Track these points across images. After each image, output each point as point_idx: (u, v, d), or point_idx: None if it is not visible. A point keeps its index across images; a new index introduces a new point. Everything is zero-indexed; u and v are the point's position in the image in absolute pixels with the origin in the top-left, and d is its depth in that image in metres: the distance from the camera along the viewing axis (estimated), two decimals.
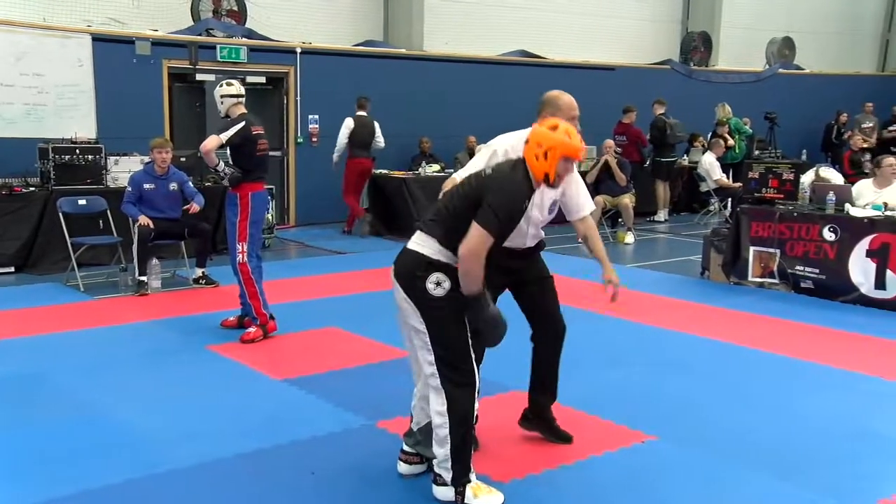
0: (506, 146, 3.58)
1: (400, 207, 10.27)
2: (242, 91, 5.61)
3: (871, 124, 14.70)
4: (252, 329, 5.50)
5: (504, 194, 3.05)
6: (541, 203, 3.51)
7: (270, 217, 9.15)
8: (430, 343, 3.14)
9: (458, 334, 3.14)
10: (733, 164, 11.86)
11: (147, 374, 4.86)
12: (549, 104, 3.70)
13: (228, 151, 5.44)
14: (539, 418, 3.89)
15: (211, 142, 5.27)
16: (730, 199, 11.02)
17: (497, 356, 4.87)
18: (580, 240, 4.04)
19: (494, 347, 3.22)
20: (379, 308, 6.57)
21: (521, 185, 3.11)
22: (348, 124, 10.05)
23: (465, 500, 3.20)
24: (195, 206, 7.14)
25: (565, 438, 3.86)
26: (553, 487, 3.43)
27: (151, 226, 6.91)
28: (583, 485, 3.47)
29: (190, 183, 7.42)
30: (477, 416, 3.28)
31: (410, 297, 3.13)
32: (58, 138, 8.33)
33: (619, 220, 10.35)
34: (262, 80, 10.80)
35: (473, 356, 3.20)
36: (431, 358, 3.16)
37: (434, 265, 3.08)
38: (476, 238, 3.00)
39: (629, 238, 9.97)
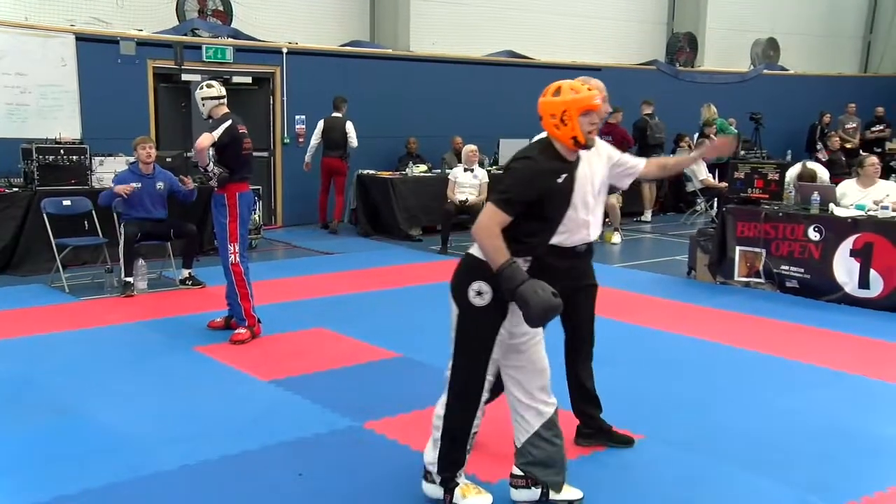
0: None
1: (386, 208, 10.26)
2: (224, 92, 5.56)
3: (853, 125, 14.83)
4: (242, 330, 5.47)
5: (513, 171, 3.06)
6: (593, 186, 3.54)
7: (257, 217, 9.12)
8: (453, 348, 3.14)
9: (479, 349, 3.11)
10: (719, 164, 11.92)
11: (133, 376, 4.82)
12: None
13: (213, 151, 5.41)
14: (599, 431, 3.87)
15: (205, 139, 5.23)
16: (716, 199, 11.08)
17: None
18: (655, 176, 4.20)
19: (537, 327, 3.10)
20: (366, 308, 6.57)
21: (535, 160, 3.06)
22: (319, 125, 10.25)
23: (454, 501, 3.20)
24: (189, 182, 7.22)
25: (628, 441, 3.87)
26: None
27: (134, 186, 6.90)
28: (572, 484, 3.47)
29: (178, 182, 7.36)
30: (479, 424, 3.26)
31: (454, 301, 3.14)
32: (41, 139, 8.25)
33: (606, 219, 10.38)
34: (248, 80, 10.76)
35: (490, 376, 3.18)
36: (450, 364, 3.16)
37: (481, 267, 3.03)
38: (484, 214, 3.00)
39: (616, 238, 10.01)
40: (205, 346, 5.40)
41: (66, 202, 7.44)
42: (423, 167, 10.86)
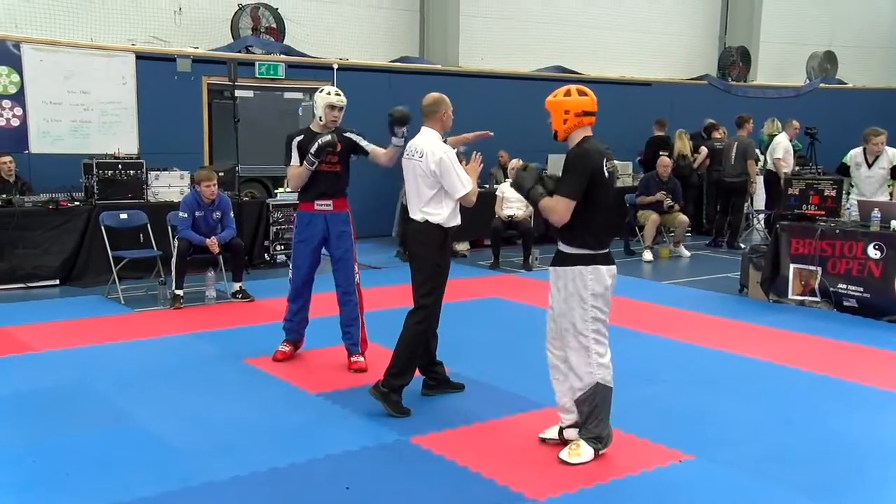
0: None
1: None
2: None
3: None
4: (363, 358, 5.26)
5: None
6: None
7: None
8: None
9: None
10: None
11: (184, 387, 4.91)
12: (443, 103, 4.70)
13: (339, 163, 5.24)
14: (440, 382, 4.77)
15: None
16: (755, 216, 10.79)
17: (529, 373, 4.84)
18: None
19: None
20: None
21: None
22: None
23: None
24: (214, 245, 7.05)
25: (460, 387, 4.80)
26: None
27: (217, 250, 7.08)
28: None
29: (231, 214, 7.39)
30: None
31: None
32: (101, 154, 8.52)
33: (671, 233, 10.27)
34: (300, 95, 10.95)
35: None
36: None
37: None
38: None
39: (648, 255, 9.81)
40: (254, 358, 5.48)
41: (123, 216, 7.65)
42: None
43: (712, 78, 14.76)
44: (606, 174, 3.76)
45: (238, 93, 10.10)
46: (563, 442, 3.94)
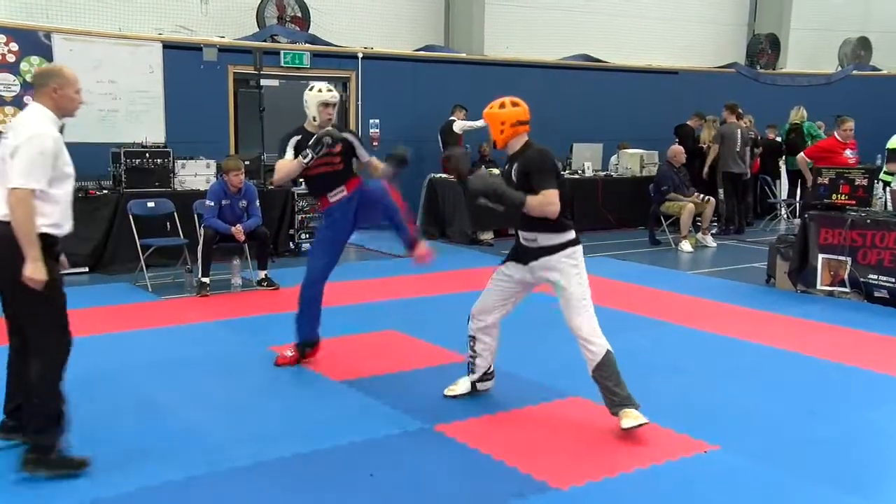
0: None
1: (458, 212, 10.28)
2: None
3: None
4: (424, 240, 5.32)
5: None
6: None
7: None
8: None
9: None
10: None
11: (209, 374, 4.96)
12: (55, 76, 3.44)
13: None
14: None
15: None
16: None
17: (553, 362, 4.83)
18: None
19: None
20: (438, 312, 6.59)
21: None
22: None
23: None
24: (240, 233, 7.08)
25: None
26: (613, 496, 3.38)
27: (243, 238, 7.12)
28: (643, 494, 3.40)
29: (257, 202, 7.40)
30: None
31: None
32: (129, 143, 8.61)
33: (697, 220, 10.16)
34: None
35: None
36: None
37: None
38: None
39: (688, 247, 9.70)
40: (279, 345, 5.51)
41: (151, 204, 7.73)
42: (496, 171, 10.84)
43: (740, 66, 14.54)
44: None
45: (263, 82, 10.15)
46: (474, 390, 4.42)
